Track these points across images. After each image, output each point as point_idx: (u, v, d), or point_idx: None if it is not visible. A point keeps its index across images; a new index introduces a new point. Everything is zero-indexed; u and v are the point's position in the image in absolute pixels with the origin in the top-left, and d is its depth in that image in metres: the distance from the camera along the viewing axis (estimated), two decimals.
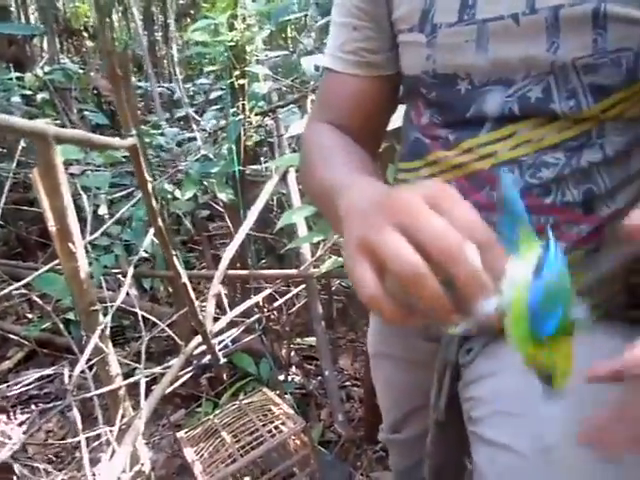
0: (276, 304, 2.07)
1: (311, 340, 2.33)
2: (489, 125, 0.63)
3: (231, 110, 1.92)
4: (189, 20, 5.02)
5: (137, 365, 1.46)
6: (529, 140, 0.62)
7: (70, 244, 1.31)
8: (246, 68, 1.84)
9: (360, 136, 0.75)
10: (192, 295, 1.35)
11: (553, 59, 0.58)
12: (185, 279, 1.30)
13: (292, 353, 2.29)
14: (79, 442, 1.30)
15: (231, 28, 1.80)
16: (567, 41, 0.57)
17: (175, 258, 1.23)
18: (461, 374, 0.76)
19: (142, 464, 1.56)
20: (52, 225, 1.34)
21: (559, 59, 0.58)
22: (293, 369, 2.30)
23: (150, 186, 1.13)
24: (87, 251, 1.49)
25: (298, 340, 2.40)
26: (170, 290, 2.54)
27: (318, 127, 0.77)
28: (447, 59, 0.64)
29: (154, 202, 1.10)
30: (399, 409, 0.98)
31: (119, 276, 2.10)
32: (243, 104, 1.90)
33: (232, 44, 1.78)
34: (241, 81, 1.85)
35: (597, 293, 0.66)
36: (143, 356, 1.41)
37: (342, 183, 0.56)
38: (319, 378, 2.26)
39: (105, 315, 1.42)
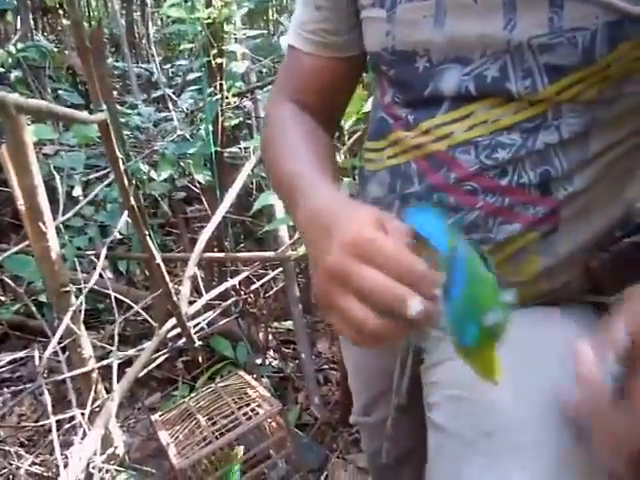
0: (253, 287, 2.06)
1: (288, 324, 2.32)
2: (446, 105, 0.63)
3: (208, 90, 1.88)
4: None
5: (111, 348, 1.44)
6: (485, 121, 0.61)
7: (40, 224, 1.28)
8: (224, 47, 1.80)
9: (318, 114, 0.77)
10: (166, 276, 1.33)
11: (509, 37, 0.57)
12: (159, 260, 1.28)
13: (269, 337, 2.28)
14: (51, 425, 1.28)
15: (208, 5, 1.76)
16: (523, 19, 0.56)
17: (149, 238, 1.21)
18: (423, 358, 0.77)
19: (116, 447, 1.55)
20: (21, 204, 1.31)
21: (515, 38, 0.57)
22: (270, 353, 2.30)
23: (122, 164, 1.10)
24: (60, 232, 1.46)
25: (276, 324, 2.40)
26: (147, 274, 2.51)
27: (281, 106, 0.78)
28: (406, 35, 0.64)
29: (126, 180, 1.07)
30: (369, 392, 0.98)
31: (93, 258, 2.06)
32: (221, 84, 1.87)
33: (209, 21, 1.74)
34: (219, 60, 1.81)
35: (556, 277, 0.66)
36: (116, 338, 1.39)
37: (303, 186, 0.60)
38: (296, 361, 2.26)
39: (78, 297, 1.39)
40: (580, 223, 0.64)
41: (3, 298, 2.57)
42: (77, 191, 2.29)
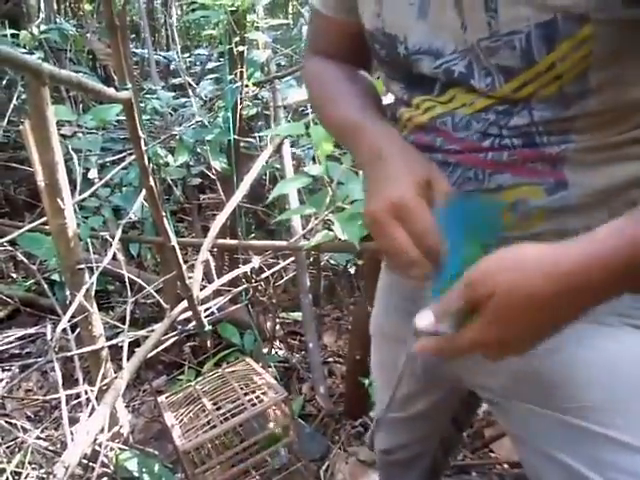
0: (264, 275, 2.06)
1: (296, 315, 2.33)
2: (437, 90, 0.66)
3: (228, 77, 1.89)
4: None
5: (121, 326, 1.45)
6: (464, 104, 0.63)
7: (59, 200, 1.30)
8: (246, 35, 1.81)
9: (352, 64, 0.82)
10: (180, 259, 1.34)
11: (465, 38, 0.59)
12: (174, 242, 1.29)
13: (277, 326, 2.29)
14: (58, 402, 1.29)
15: None
16: (470, 22, 0.58)
17: (165, 220, 1.22)
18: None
19: (121, 426, 1.56)
20: (41, 180, 1.32)
21: (469, 39, 0.59)
22: (277, 343, 2.31)
23: (144, 145, 1.11)
24: (75, 212, 1.47)
25: (283, 315, 2.41)
26: (158, 259, 2.53)
27: (316, 61, 0.84)
28: (392, 19, 0.66)
29: (146, 160, 1.08)
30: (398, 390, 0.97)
31: (106, 240, 2.08)
32: (241, 72, 1.87)
33: (233, 9, 1.75)
34: (240, 48, 1.82)
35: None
36: (128, 317, 1.41)
37: (356, 124, 0.69)
38: (302, 353, 2.27)
39: (90, 277, 1.41)
40: (589, 178, 0.62)
41: (15, 275, 2.60)
42: (93, 173, 2.31)
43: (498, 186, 0.64)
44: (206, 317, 1.58)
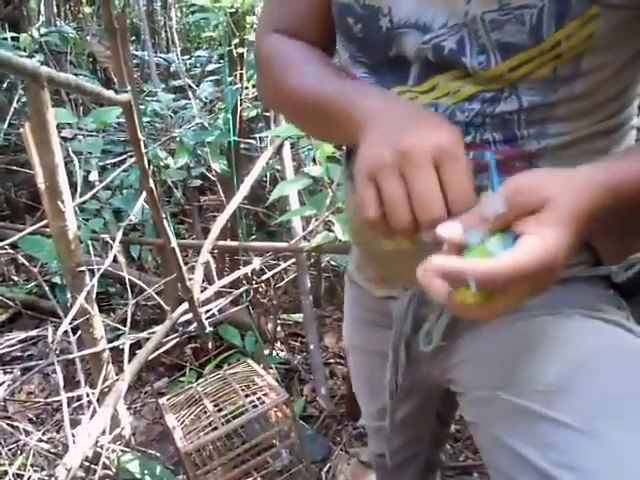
0: (265, 277, 2.07)
1: (297, 316, 2.33)
2: (412, 78, 0.63)
3: (228, 79, 1.89)
4: None
5: (123, 328, 1.45)
6: (447, 93, 0.61)
7: (59, 203, 1.30)
8: (245, 36, 1.81)
9: (315, 44, 0.74)
10: (181, 261, 1.34)
11: (467, 9, 0.56)
12: (174, 244, 1.29)
13: (278, 328, 2.29)
14: (60, 405, 1.30)
15: None
16: None
17: (165, 222, 1.22)
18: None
19: (122, 428, 1.56)
20: (42, 183, 1.32)
21: (471, 11, 0.56)
22: (278, 344, 2.31)
23: (143, 148, 1.11)
24: (76, 215, 1.47)
25: (284, 316, 2.41)
26: (158, 261, 2.53)
27: (272, 37, 0.75)
28: None
29: (146, 162, 1.08)
30: (375, 403, 0.97)
31: (107, 242, 2.08)
32: (241, 73, 1.88)
33: (232, 10, 1.75)
34: (240, 49, 1.83)
35: None
36: (129, 319, 1.41)
37: (348, 93, 0.61)
38: (303, 354, 2.27)
39: (91, 279, 1.41)
40: None
41: (16, 278, 2.60)
42: (93, 175, 2.31)
43: (477, 188, 0.63)
44: (207, 319, 1.58)
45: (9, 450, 1.59)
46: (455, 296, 0.47)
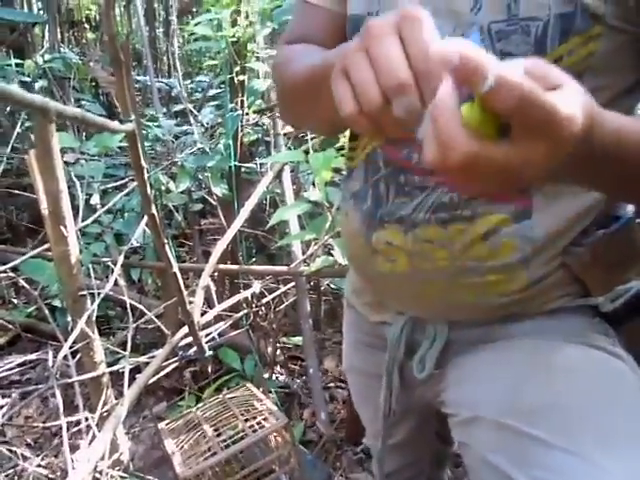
0: (264, 300, 2.07)
1: (297, 340, 2.33)
2: None
3: (229, 105, 1.92)
4: (191, 17, 5.03)
5: (122, 352, 1.45)
6: None
7: (62, 228, 1.31)
8: (246, 64, 1.85)
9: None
10: (182, 285, 1.35)
11: (474, 20, 0.58)
12: (176, 269, 1.30)
13: (278, 351, 2.29)
14: (59, 429, 1.29)
15: (234, 24, 1.81)
16: (487, 3, 0.58)
17: (167, 247, 1.23)
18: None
19: (121, 453, 1.55)
20: (45, 208, 1.34)
21: (478, 21, 0.58)
22: (278, 368, 2.30)
23: (146, 173, 1.13)
24: (77, 238, 1.49)
25: (284, 339, 2.41)
26: (158, 283, 2.54)
27: (285, 47, 0.79)
28: (390, 1, 0.64)
29: (149, 189, 1.10)
30: (376, 423, 0.97)
31: (108, 266, 2.09)
32: (242, 100, 1.91)
33: (234, 39, 1.79)
34: (241, 77, 1.86)
35: (533, 266, 0.66)
36: (129, 343, 1.41)
37: (332, 52, 0.58)
38: (303, 378, 2.26)
39: (92, 303, 1.42)
40: (552, 208, 0.64)
41: (16, 301, 2.61)
42: (95, 199, 2.33)
43: (471, 214, 0.64)
44: (207, 342, 1.58)
45: (6, 476, 1.58)
46: (461, 110, 0.40)
